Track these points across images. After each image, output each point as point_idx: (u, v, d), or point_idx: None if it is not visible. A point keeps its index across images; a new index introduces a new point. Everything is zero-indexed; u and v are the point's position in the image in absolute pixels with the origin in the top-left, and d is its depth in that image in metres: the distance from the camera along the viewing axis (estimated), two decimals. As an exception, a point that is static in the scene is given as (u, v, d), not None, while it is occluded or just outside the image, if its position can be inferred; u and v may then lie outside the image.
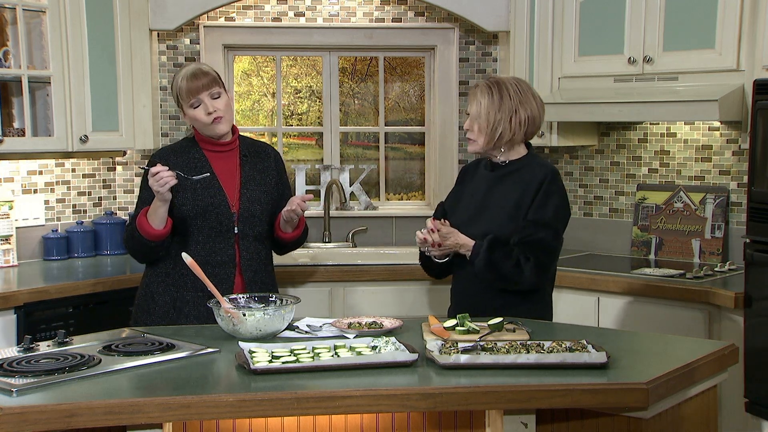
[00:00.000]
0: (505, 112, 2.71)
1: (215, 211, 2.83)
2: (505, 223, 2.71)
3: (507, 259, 2.64)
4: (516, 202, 2.71)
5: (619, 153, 4.23)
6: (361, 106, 4.73)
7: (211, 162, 2.88)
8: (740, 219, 3.78)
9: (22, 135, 3.64)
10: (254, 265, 2.89)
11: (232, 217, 2.84)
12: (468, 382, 2.03)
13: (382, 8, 4.42)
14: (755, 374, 3.11)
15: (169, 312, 2.83)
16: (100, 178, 4.25)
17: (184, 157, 2.88)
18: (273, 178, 2.97)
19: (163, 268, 2.88)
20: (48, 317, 3.33)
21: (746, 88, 3.38)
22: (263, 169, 2.95)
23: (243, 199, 2.87)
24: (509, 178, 2.76)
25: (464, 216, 2.80)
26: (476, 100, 2.73)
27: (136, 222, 2.78)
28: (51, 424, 1.87)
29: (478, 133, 2.74)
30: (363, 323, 2.54)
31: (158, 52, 4.29)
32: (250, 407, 1.94)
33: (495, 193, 2.76)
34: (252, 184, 2.91)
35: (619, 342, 2.40)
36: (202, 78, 2.81)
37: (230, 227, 2.84)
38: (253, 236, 2.88)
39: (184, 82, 2.81)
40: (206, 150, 2.90)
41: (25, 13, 3.60)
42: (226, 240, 2.84)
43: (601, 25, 3.86)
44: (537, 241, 2.65)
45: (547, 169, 2.75)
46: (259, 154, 2.98)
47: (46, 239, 3.97)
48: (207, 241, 2.83)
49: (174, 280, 2.84)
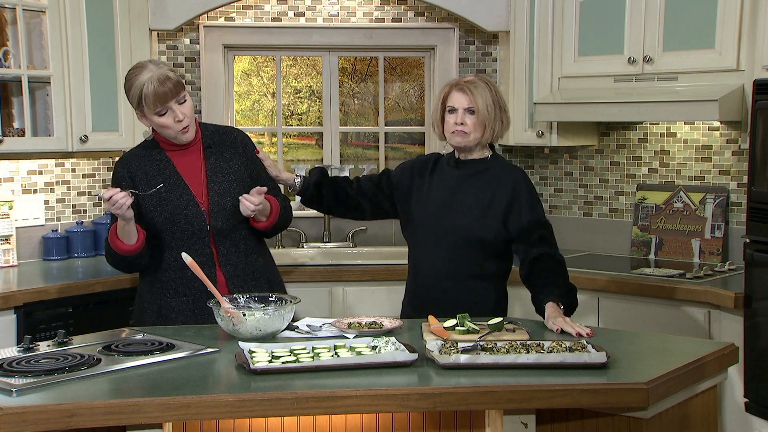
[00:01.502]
0: (501, 112, 2.79)
1: (184, 213, 2.74)
2: (476, 219, 2.75)
3: (555, 271, 2.68)
4: (489, 200, 2.76)
5: (619, 153, 4.23)
6: (361, 106, 4.73)
7: (174, 161, 2.79)
8: (740, 219, 3.78)
9: (22, 135, 3.64)
10: (233, 258, 2.80)
11: (203, 215, 2.76)
12: (468, 382, 2.03)
13: (382, 8, 4.42)
14: (755, 374, 3.11)
15: (157, 320, 2.77)
16: (100, 178, 4.25)
17: (146, 161, 2.80)
18: (242, 164, 2.84)
19: (147, 277, 2.82)
20: (48, 317, 3.33)
21: (746, 88, 3.38)
22: (230, 158, 2.84)
23: (211, 193, 2.78)
24: (479, 176, 2.81)
25: (432, 209, 2.82)
26: (479, 94, 2.75)
27: (110, 241, 2.71)
28: (51, 424, 1.87)
29: (474, 127, 2.76)
30: (363, 323, 2.54)
31: (158, 53, 4.29)
32: (250, 407, 1.94)
33: (463, 190, 2.80)
34: (219, 176, 2.80)
35: (619, 342, 2.40)
36: (168, 84, 2.64)
37: (202, 226, 2.75)
38: (228, 229, 2.79)
39: (150, 88, 2.62)
40: (168, 151, 2.81)
41: (25, 13, 3.60)
42: (201, 239, 2.76)
43: (601, 25, 3.86)
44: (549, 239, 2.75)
45: (518, 169, 2.88)
46: (224, 143, 2.86)
47: (46, 239, 3.97)
48: (182, 244, 2.73)
49: (158, 288, 2.78)
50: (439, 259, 2.79)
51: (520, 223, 2.73)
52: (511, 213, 2.74)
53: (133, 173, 2.78)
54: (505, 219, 2.74)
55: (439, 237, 2.79)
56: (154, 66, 2.69)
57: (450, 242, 2.77)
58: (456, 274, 2.77)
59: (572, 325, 2.47)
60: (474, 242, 2.75)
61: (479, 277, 2.78)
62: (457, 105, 2.76)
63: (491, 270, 2.80)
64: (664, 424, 2.16)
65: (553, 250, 2.73)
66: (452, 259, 2.77)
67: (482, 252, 2.76)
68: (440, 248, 2.79)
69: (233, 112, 4.48)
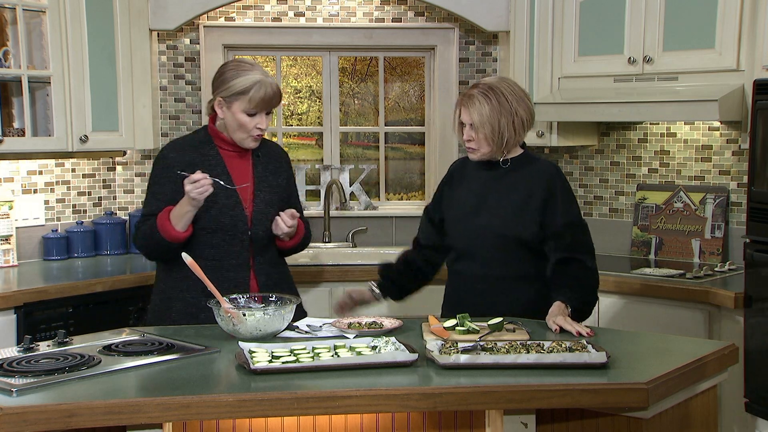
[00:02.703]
0: (507, 116, 2.67)
1: (230, 213, 2.76)
2: (510, 219, 2.70)
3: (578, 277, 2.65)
4: (523, 199, 2.70)
5: (619, 153, 4.23)
6: (361, 106, 4.73)
7: (224, 160, 2.81)
8: (740, 219, 3.78)
9: (22, 135, 3.64)
10: (266, 267, 2.85)
11: (246, 219, 2.79)
12: (468, 382, 2.03)
13: (382, 8, 4.42)
14: (755, 374, 3.11)
15: (182, 318, 2.76)
16: (100, 178, 4.25)
17: (197, 152, 2.80)
18: (284, 179, 2.92)
19: (175, 273, 2.79)
20: (48, 317, 3.33)
21: (746, 88, 3.38)
22: (275, 170, 2.90)
23: (257, 201, 2.81)
24: (511, 175, 2.75)
25: (462, 211, 2.78)
26: (476, 109, 2.66)
27: (158, 223, 2.70)
28: (51, 424, 1.87)
29: (483, 142, 2.69)
30: (363, 323, 2.54)
31: (158, 52, 4.29)
32: (250, 407, 1.94)
33: (496, 190, 2.75)
34: (264, 185, 2.85)
35: (619, 342, 2.40)
36: (276, 95, 2.74)
37: (244, 229, 2.78)
38: (266, 238, 2.83)
39: (263, 90, 2.69)
40: (221, 148, 2.82)
41: (25, 13, 3.60)
42: (241, 242, 2.79)
43: (601, 25, 3.86)
44: (583, 243, 2.70)
45: (551, 165, 2.78)
46: (271, 155, 2.92)
47: (46, 239, 3.97)
48: (221, 244, 2.77)
49: (187, 286, 2.76)
50: (474, 260, 2.75)
51: (554, 223, 2.67)
52: (547, 212, 2.68)
53: (184, 163, 2.77)
54: (542, 218, 2.68)
55: (473, 238, 2.74)
56: (262, 71, 2.74)
57: (484, 243, 2.72)
58: (492, 275, 2.72)
59: (572, 324, 2.47)
60: (510, 242, 2.69)
61: (517, 278, 2.71)
62: (464, 121, 2.71)
63: (529, 270, 2.72)
64: (664, 424, 2.16)
65: (584, 255, 2.67)
66: (488, 260, 2.72)
67: (519, 252, 2.70)
68: (475, 249, 2.74)
69: (233, 112, 4.48)
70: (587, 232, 2.73)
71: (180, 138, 2.97)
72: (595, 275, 2.71)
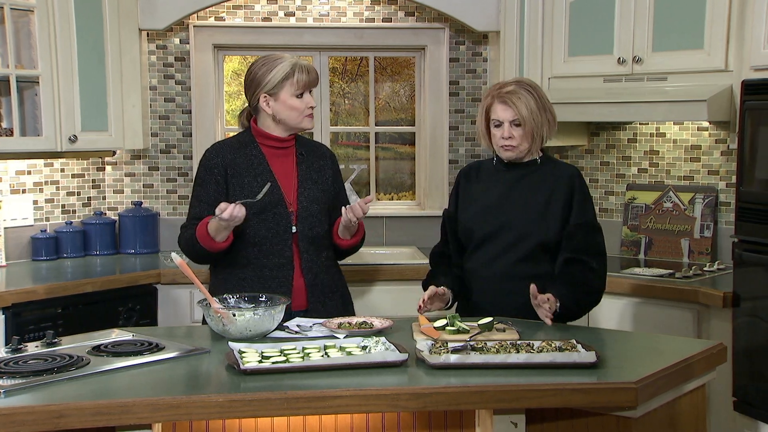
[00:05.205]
0: (546, 114, 2.72)
1: (273, 211, 2.75)
2: (532, 219, 2.69)
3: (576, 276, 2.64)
4: (545, 199, 2.70)
5: (608, 153, 4.24)
6: (351, 106, 4.73)
7: (268, 159, 2.81)
8: (729, 219, 3.79)
9: (11, 135, 3.62)
10: (315, 267, 2.80)
11: (290, 216, 2.77)
12: (458, 381, 2.03)
13: (373, 8, 4.41)
14: (743, 373, 3.12)
15: None
16: (90, 178, 4.23)
17: (240, 154, 2.81)
18: (329, 177, 2.89)
19: (221, 273, 2.81)
20: (36, 318, 3.32)
21: (735, 89, 3.40)
22: (319, 168, 2.88)
23: (301, 198, 2.80)
24: (532, 176, 2.75)
25: (486, 204, 2.77)
26: (523, 103, 2.67)
27: (197, 234, 2.70)
28: (40, 425, 1.86)
29: (523, 139, 2.70)
30: (353, 323, 2.54)
31: (148, 52, 4.28)
32: (240, 407, 1.93)
33: (517, 191, 2.74)
34: (309, 182, 2.83)
35: (609, 341, 2.41)
36: (313, 72, 2.81)
37: (288, 227, 2.76)
38: (312, 236, 2.80)
39: (303, 73, 2.76)
40: (264, 147, 2.83)
41: (13, 12, 3.59)
42: (284, 241, 2.76)
43: (590, 25, 3.87)
44: (592, 245, 2.68)
45: (572, 167, 2.81)
46: (315, 153, 2.91)
47: (34, 239, 3.95)
48: (264, 243, 2.75)
49: (232, 285, 2.75)
50: (494, 261, 2.73)
51: (568, 224, 2.68)
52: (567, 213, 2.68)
53: (227, 164, 2.78)
54: (563, 220, 2.68)
55: (492, 239, 2.73)
56: (291, 55, 2.82)
57: (504, 244, 2.71)
58: (512, 275, 2.70)
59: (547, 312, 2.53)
60: (531, 243, 2.69)
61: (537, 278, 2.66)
62: (502, 118, 2.70)
63: (547, 270, 2.70)
64: (653, 423, 2.16)
65: (590, 257, 2.66)
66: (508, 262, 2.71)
67: (537, 251, 2.70)
68: (494, 250, 2.73)
69: (224, 112, 4.47)
70: (599, 234, 2.72)
71: (224, 140, 2.95)
72: (599, 278, 2.69)
